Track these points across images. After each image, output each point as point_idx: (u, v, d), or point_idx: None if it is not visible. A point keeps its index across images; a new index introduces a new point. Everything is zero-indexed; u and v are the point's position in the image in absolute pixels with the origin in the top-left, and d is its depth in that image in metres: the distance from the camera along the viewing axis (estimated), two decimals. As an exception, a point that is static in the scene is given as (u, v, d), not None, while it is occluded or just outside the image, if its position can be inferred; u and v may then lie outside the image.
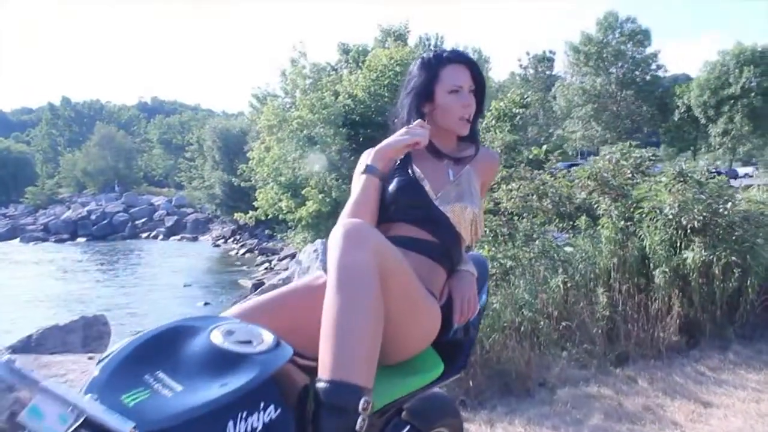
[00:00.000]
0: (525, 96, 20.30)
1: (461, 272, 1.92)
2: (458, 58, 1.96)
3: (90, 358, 4.11)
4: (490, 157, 2.08)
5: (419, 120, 1.91)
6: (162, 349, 1.27)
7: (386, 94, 19.68)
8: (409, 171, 1.92)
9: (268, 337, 1.33)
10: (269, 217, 21.28)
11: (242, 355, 1.25)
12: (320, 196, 18.87)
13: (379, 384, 1.46)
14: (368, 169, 1.85)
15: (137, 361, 1.23)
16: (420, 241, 1.83)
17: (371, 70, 20.64)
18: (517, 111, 18.81)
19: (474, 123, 2.00)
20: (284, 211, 20.27)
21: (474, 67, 1.97)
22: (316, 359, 1.41)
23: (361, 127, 20.08)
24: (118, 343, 1.32)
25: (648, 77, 41.71)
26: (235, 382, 1.18)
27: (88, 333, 5.69)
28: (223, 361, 1.24)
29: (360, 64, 24.17)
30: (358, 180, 1.86)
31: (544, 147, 15.28)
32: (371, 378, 1.39)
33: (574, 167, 7.89)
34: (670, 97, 41.31)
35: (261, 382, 1.20)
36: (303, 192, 18.80)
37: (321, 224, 19.19)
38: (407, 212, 1.86)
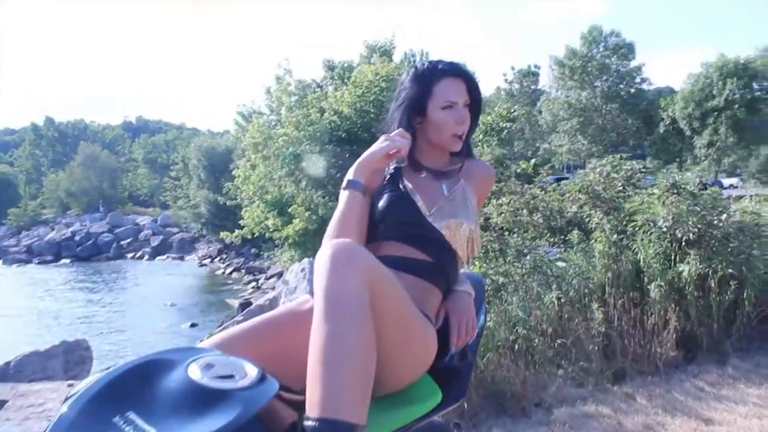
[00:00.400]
0: (512, 110, 20.27)
1: (458, 293, 1.82)
2: (454, 70, 1.85)
3: (70, 385, 3.97)
4: (486, 171, 1.97)
5: (400, 129, 1.81)
6: (134, 387, 1.15)
7: (372, 110, 19.60)
8: (400, 186, 1.82)
9: (251, 371, 1.21)
10: (255, 235, 21.09)
11: (223, 392, 1.14)
12: (307, 214, 18.70)
13: (372, 417, 1.34)
14: (350, 184, 1.75)
15: (107, 401, 1.12)
16: (413, 260, 1.73)
17: (357, 86, 20.55)
18: (504, 125, 18.81)
19: (467, 138, 1.91)
20: (271, 230, 20.10)
21: (470, 81, 1.87)
22: (304, 392, 1.30)
23: (348, 143, 19.97)
24: (87, 379, 1.21)
25: (633, 90, 42.18)
26: (215, 422, 1.07)
27: (69, 358, 5.56)
28: (201, 399, 1.12)
29: (345, 80, 24.12)
30: (342, 196, 1.76)
31: (533, 161, 15.28)
32: (364, 413, 1.27)
33: (563, 180, 7.80)
34: (655, 110, 41.73)
35: (244, 421, 1.09)
36: (289, 210, 18.65)
37: (308, 242, 19.06)
38: (398, 230, 1.75)
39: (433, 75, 1.84)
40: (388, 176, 1.86)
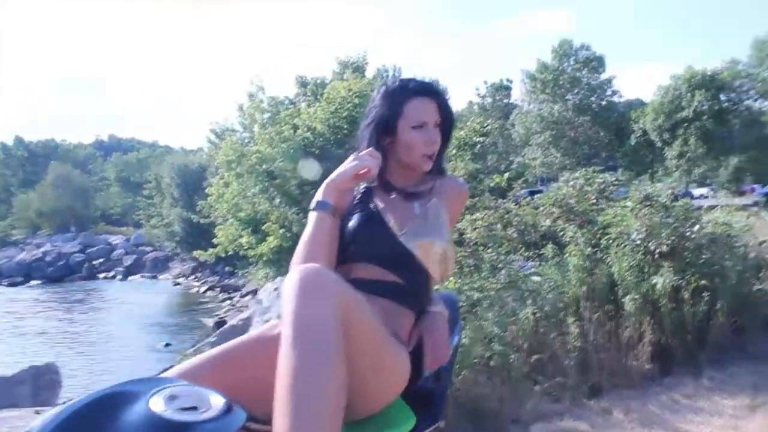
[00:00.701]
0: (485, 124, 20.33)
1: (431, 314, 1.78)
2: (425, 90, 1.83)
3: (37, 413, 3.87)
4: (459, 187, 1.94)
5: (370, 148, 1.77)
6: (93, 423, 1.10)
7: (345, 126, 19.54)
8: (370, 206, 1.78)
9: (217, 401, 1.16)
10: (229, 253, 20.92)
11: (187, 425, 1.08)
12: (281, 231, 18.55)
13: (345, 443, 1.30)
14: (319, 205, 1.70)
15: (66, 436, 1.06)
16: (384, 283, 1.69)
17: (330, 103, 20.49)
18: (477, 139, 18.83)
19: (439, 157, 1.88)
20: (245, 247, 19.96)
21: (441, 100, 1.84)
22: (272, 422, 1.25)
23: (321, 160, 19.90)
24: (48, 412, 1.16)
25: (604, 103, 42.60)
26: (178, 458, 1.02)
27: (38, 383, 5.43)
28: None
29: (318, 96, 24.09)
30: (310, 218, 1.71)
31: (506, 175, 15.28)
32: None
33: (537, 194, 7.82)
34: (626, 122, 42.19)
35: (208, 455, 1.04)
36: (264, 227, 18.53)
37: (282, 260, 18.82)
38: (369, 251, 1.72)
39: (403, 94, 1.81)
40: (358, 196, 1.82)
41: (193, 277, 36.30)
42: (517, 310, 4.50)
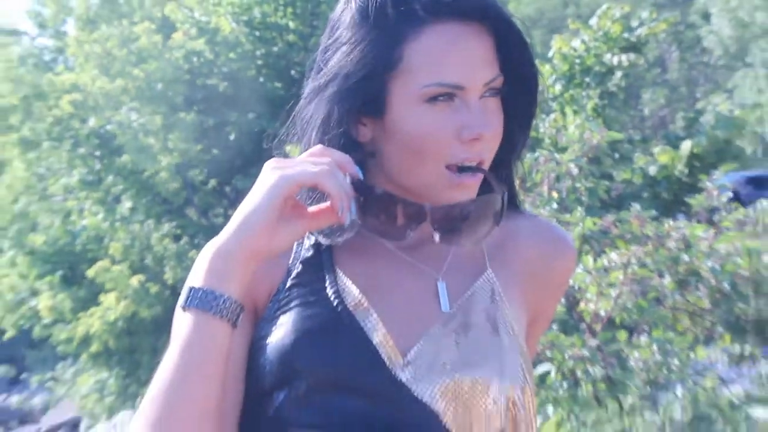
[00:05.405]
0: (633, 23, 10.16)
1: None
2: (458, 8, 0.79)
3: None
4: (555, 248, 0.95)
5: (319, 147, 0.81)
6: None
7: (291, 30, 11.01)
8: (328, 288, 0.86)
9: None
10: (6, 335, 12.67)
11: None
12: (135, 280, 9.69)
13: None
14: (195, 299, 0.75)
15: None
16: None
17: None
18: (610, 60, 8.43)
19: (504, 170, 0.91)
20: (46, 322, 10.68)
21: (502, 29, 0.82)
22: None
23: (231, 110, 10.83)
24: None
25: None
26: None
27: None
28: None
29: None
30: (181, 326, 0.77)
31: (685, 144, 7.91)
32: None
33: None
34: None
35: None
36: (89, 273, 9.80)
37: (139, 352, 9.87)
38: (324, 412, 0.82)
39: (406, 17, 0.81)
40: (299, 269, 0.89)
41: None
42: None
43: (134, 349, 9.81)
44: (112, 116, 10.03)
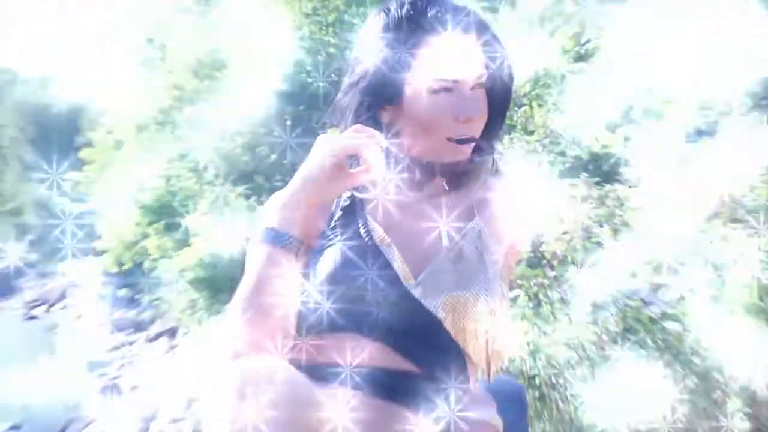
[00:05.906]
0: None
1: (471, 424, 1.06)
2: (456, 22, 1.06)
3: None
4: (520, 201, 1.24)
5: (356, 125, 1.07)
6: None
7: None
8: (361, 231, 1.12)
9: None
10: (126, 267, 12.92)
11: None
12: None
13: None
14: (270, 237, 1.02)
15: None
16: (383, 372, 1.03)
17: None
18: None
19: (487, 142, 1.16)
20: (153, 256, 11.98)
21: (488, 41, 1.08)
22: None
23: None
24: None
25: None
26: None
27: None
28: None
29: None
30: (255, 256, 1.03)
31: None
32: None
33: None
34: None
35: None
36: (186, 220, 10.67)
37: (218, 279, 10.98)
38: (358, 315, 1.05)
39: (416, 28, 1.08)
40: (339, 215, 1.18)
41: (60, 305, 25.66)
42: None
43: (214, 277, 12.07)
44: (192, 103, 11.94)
